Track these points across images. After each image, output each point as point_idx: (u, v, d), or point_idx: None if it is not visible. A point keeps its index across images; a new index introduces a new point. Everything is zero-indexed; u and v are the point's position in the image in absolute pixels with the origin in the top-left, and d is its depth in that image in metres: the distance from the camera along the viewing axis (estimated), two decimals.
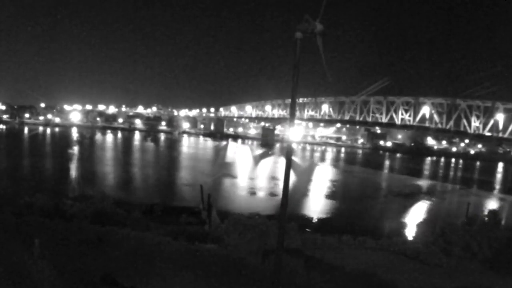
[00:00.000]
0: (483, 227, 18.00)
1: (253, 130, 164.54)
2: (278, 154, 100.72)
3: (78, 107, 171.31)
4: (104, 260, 11.34)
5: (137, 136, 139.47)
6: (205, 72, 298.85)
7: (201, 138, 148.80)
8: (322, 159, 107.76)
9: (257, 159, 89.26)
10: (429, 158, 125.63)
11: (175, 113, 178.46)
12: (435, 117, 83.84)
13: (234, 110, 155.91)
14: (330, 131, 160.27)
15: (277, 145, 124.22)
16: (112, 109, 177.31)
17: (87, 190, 33.71)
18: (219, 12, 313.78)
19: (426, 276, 14.29)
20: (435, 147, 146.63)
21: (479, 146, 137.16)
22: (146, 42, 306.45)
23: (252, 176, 60.30)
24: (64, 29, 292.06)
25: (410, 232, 30.38)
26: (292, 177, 45.35)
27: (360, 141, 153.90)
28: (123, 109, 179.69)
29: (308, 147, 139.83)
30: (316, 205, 41.04)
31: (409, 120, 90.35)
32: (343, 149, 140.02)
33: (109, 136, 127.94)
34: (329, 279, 11.78)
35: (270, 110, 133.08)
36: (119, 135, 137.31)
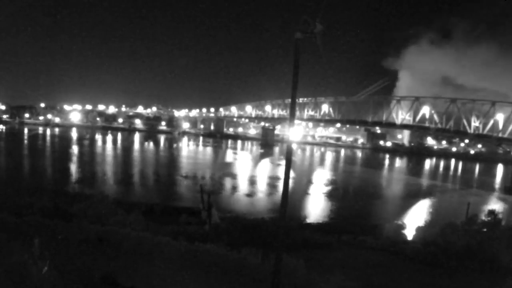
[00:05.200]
0: (483, 227, 18.01)
1: (253, 130, 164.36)
2: (278, 154, 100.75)
3: (78, 107, 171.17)
4: (104, 260, 11.35)
5: (137, 136, 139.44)
6: (205, 72, 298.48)
7: (201, 138, 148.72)
8: (322, 159, 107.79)
9: (257, 159, 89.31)
10: (428, 159, 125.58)
11: (175, 113, 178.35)
12: (435, 117, 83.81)
13: (234, 110, 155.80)
14: (330, 131, 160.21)
15: (277, 148, 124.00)
16: (112, 109, 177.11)
17: (87, 190, 33.74)
18: (219, 12, 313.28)
19: (426, 276, 14.30)
20: (435, 147, 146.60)
21: (479, 146, 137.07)
22: (146, 42, 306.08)
23: (251, 176, 60.29)
24: (64, 29, 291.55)
25: (410, 232, 30.38)
26: (292, 177, 45.41)
27: (360, 141, 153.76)
28: (123, 109, 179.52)
29: (308, 147, 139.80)
30: (316, 205, 41.06)
31: (409, 120, 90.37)
32: (342, 150, 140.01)
33: (109, 136, 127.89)
34: (329, 279, 11.78)
35: (270, 110, 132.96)
36: (119, 135, 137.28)
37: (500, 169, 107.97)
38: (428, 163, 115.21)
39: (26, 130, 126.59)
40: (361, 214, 36.07)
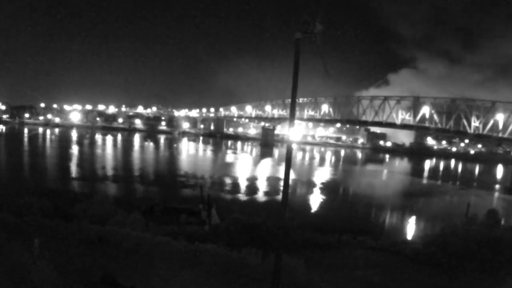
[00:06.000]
0: (483, 227, 18.00)
1: (253, 130, 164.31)
2: (278, 154, 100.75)
3: (78, 107, 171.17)
4: (104, 260, 11.35)
5: (137, 136, 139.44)
6: (205, 72, 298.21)
7: (201, 138, 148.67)
8: (322, 159, 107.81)
9: (257, 159, 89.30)
10: (428, 159, 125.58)
11: (175, 113, 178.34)
12: (435, 117, 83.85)
13: (234, 110, 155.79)
14: (330, 131, 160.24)
15: (277, 149, 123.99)
16: (112, 109, 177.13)
17: (87, 190, 33.71)
18: (219, 12, 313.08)
19: (426, 276, 14.29)
20: (435, 147, 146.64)
21: (479, 146, 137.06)
22: (146, 42, 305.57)
23: (252, 176, 60.26)
24: (64, 29, 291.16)
25: (410, 232, 30.37)
26: (292, 177, 45.37)
27: (360, 141, 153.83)
28: (123, 109, 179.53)
29: (308, 147, 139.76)
30: (316, 205, 41.05)
31: (409, 120, 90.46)
32: (342, 150, 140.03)
33: (109, 136, 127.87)
34: (329, 279, 11.78)
35: (270, 110, 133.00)
36: (119, 135, 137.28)
37: (500, 169, 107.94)
38: (428, 163, 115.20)
39: (26, 130, 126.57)
40: (361, 214, 36.03)
